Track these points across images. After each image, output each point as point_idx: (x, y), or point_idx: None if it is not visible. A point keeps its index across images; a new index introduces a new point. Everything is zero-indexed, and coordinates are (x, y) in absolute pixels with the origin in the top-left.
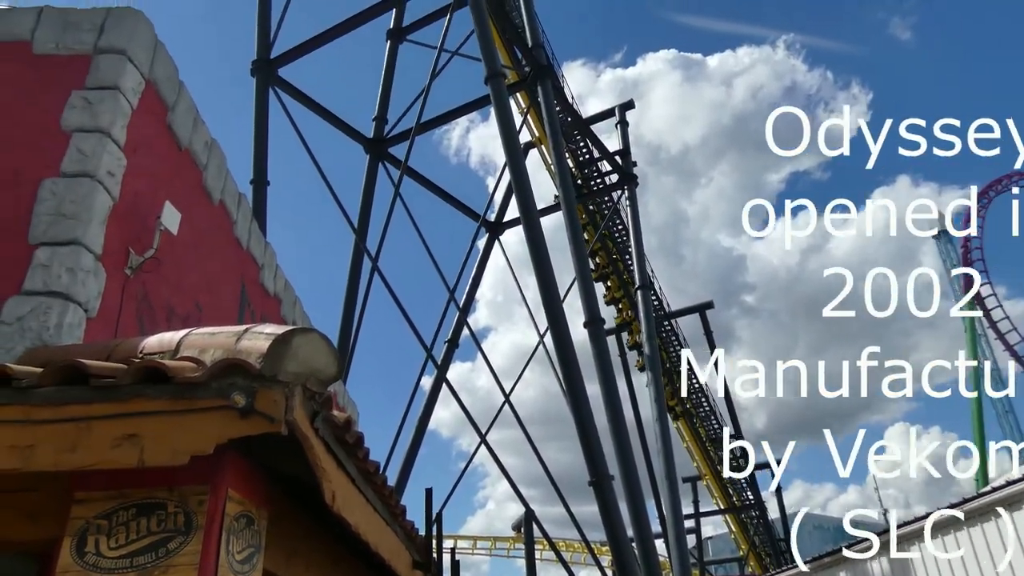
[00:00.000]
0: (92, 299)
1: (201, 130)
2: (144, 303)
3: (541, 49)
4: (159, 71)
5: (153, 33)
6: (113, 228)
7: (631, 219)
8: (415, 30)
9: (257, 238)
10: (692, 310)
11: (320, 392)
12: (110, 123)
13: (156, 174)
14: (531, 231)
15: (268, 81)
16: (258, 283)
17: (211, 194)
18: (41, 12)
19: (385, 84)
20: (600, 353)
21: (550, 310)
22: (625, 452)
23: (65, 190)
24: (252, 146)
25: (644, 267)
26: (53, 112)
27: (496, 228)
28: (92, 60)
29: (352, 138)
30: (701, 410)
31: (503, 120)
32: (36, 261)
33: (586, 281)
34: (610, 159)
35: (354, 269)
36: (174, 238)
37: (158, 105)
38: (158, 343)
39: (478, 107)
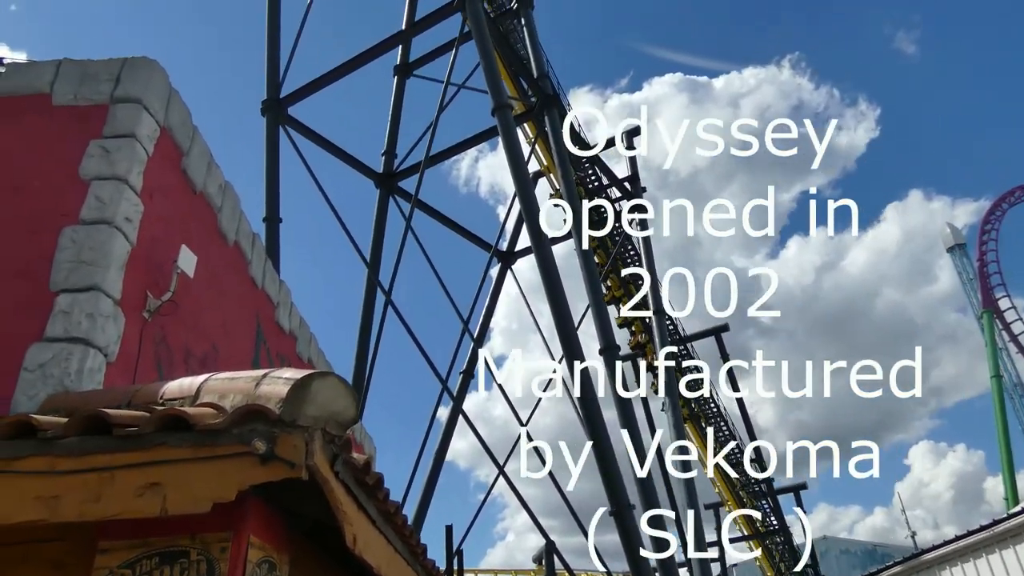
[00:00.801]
0: (112, 344)
1: (215, 173)
2: (162, 346)
3: (547, 79)
4: (173, 117)
5: (167, 81)
6: (131, 273)
7: (643, 245)
8: (421, 65)
9: (272, 277)
10: (707, 333)
11: (339, 435)
12: (127, 170)
13: (172, 218)
14: (543, 260)
15: (278, 120)
16: (273, 321)
17: (226, 235)
18: (60, 65)
19: (393, 119)
20: (614, 379)
21: (565, 338)
22: (645, 480)
23: (84, 237)
24: (264, 184)
25: (657, 292)
26: (72, 161)
27: (508, 257)
28: (109, 109)
29: (362, 173)
30: (720, 434)
31: (511, 151)
32: (57, 308)
33: (600, 308)
34: (619, 185)
35: (368, 303)
36: (190, 280)
37: (173, 151)
38: (178, 389)
39: (486, 138)
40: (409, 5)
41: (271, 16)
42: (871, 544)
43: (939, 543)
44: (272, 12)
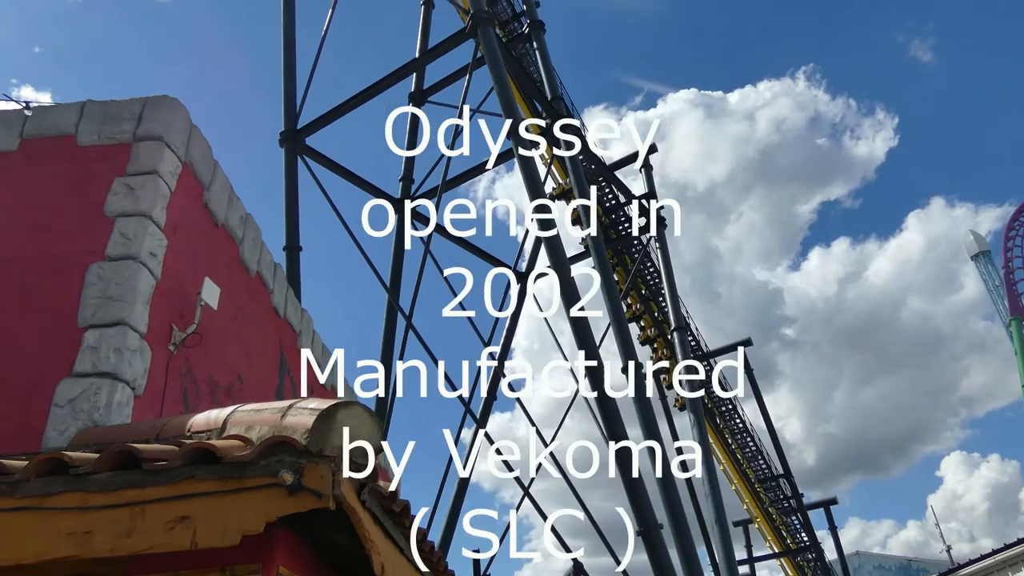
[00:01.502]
0: (139, 377)
1: (236, 205)
2: (188, 378)
3: (560, 100)
4: (194, 153)
5: (187, 118)
6: (156, 307)
7: (662, 261)
8: (436, 91)
9: (294, 305)
10: (730, 348)
11: (365, 464)
12: (150, 206)
13: (195, 251)
14: (562, 280)
15: (296, 150)
16: (296, 349)
17: (248, 266)
18: (84, 106)
19: (409, 145)
20: (639, 398)
21: (587, 357)
22: (672, 498)
23: (110, 273)
24: (284, 213)
25: (679, 308)
26: (97, 199)
27: (527, 278)
28: (132, 147)
29: (380, 199)
30: (747, 450)
31: (527, 173)
32: (85, 343)
33: (621, 326)
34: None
35: (388, 327)
36: (214, 312)
37: (195, 185)
38: (205, 421)
39: (502, 161)
40: (422, 33)
41: (287, 49)
42: (906, 559)
43: (976, 557)
44: (288, 45)
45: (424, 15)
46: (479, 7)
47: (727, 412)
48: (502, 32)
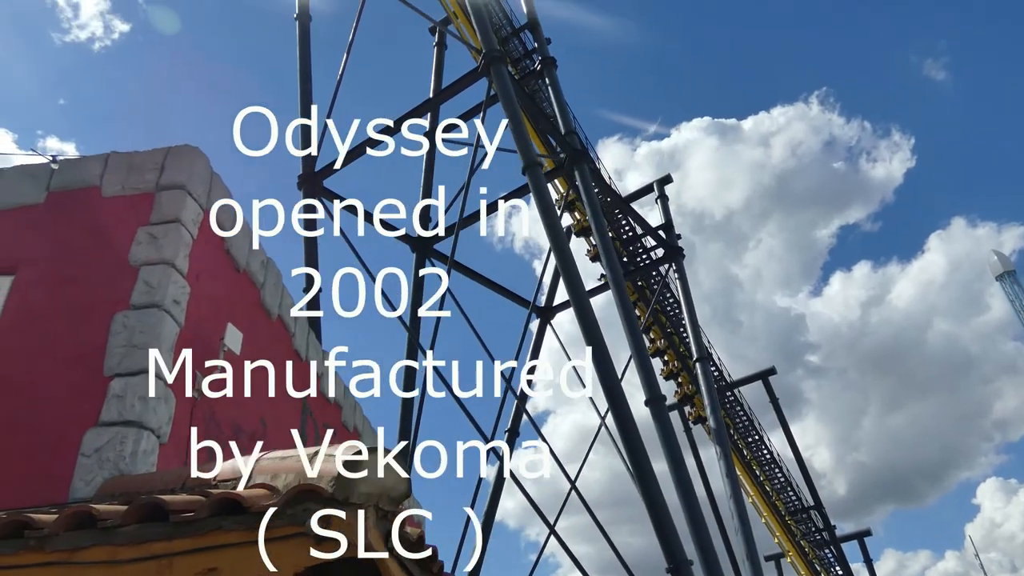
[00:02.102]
0: (164, 425)
1: (257, 251)
2: (212, 423)
3: (574, 135)
4: (216, 200)
5: (209, 166)
6: (180, 353)
7: (681, 292)
8: (451, 130)
9: (315, 348)
10: (754, 378)
11: (392, 511)
12: (173, 254)
13: (218, 297)
14: (582, 314)
15: (314, 192)
16: (318, 391)
17: (269, 311)
18: (108, 158)
19: (426, 183)
20: (664, 430)
21: (609, 391)
22: (701, 533)
23: (135, 322)
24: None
25: (700, 338)
26: (122, 248)
27: (547, 312)
28: (155, 197)
29: (398, 238)
30: (776, 482)
31: (544, 207)
32: (111, 392)
33: (643, 359)
34: (653, 234)
35: (409, 366)
36: (237, 357)
37: (216, 232)
38: (231, 469)
39: (518, 196)
40: (436, 73)
41: (303, 94)
42: None
43: None
44: (304, 90)
45: (437, 55)
46: (491, 46)
47: (754, 443)
48: (514, 69)
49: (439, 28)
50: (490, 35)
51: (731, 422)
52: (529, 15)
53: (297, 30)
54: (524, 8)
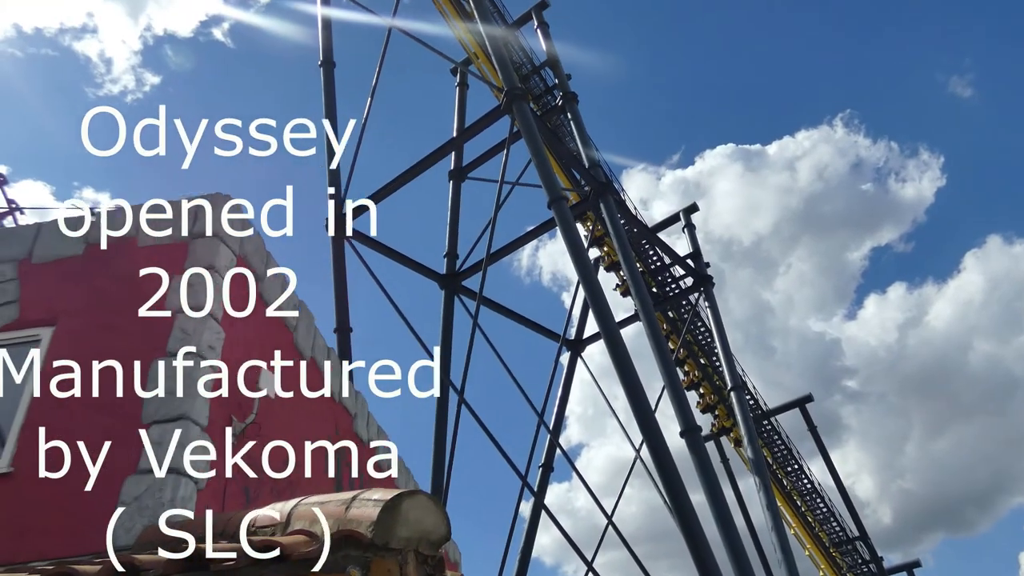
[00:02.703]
0: (201, 471)
1: (290, 294)
2: (249, 468)
3: (598, 167)
4: (248, 246)
5: (241, 212)
6: (216, 399)
7: (713, 320)
8: (475, 167)
9: (348, 389)
10: (791, 406)
11: (432, 554)
12: (208, 300)
13: (252, 341)
14: (613, 346)
15: (343, 235)
16: (352, 432)
17: (303, 353)
18: (143, 208)
19: (452, 221)
20: (701, 462)
21: (643, 423)
22: (743, 567)
23: (172, 369)
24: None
25: (734, 367)
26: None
27: (577, 345)
28: (189, 245)
29: (427, 277)
30: (818, 512)
31: (571, 241)
32: (150, 440)
33: (676, 389)
34: (682, 263)
35: (441, 403)
36: (272, 400)
37: (249, 277)
38: (269, 516)
39: (544, 231)
40: (459, 112)
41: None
42: None
43: None
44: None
45: (459, 95)
46: (512, 83)
47: (793, 472)
48: (536, 105)
49: (460, 68)
50: (511, 73)
51: (769, 452)
52: (548, 53)
53: (322, 76)
54: (543, 46)
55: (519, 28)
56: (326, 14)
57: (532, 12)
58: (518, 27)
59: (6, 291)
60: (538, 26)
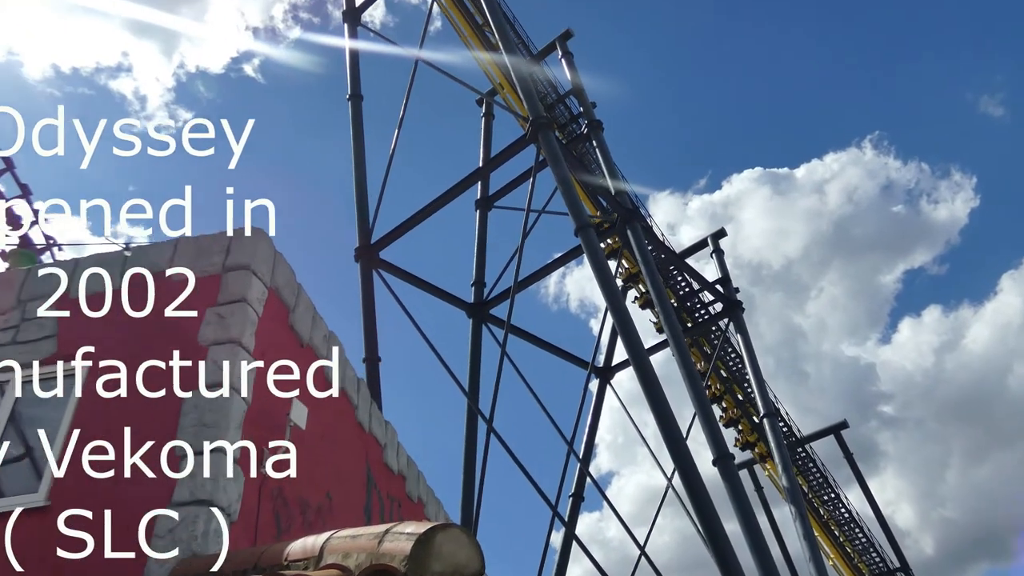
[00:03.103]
0: (233, 503)
1: (319, 325)
2: (279, 500)
3: (625, 194)
4: (279, 279)
5: (272, 246)
6: (248, 430)
7: (743, 346)
8: (502, 196)
9: (378, 419)
10: (825, 433)
11: None
12: (240, 333)
13: (283, 373)
14: (643, 373)
15: (371, 265)
16: (382, 463)
17: (333, 384)
18: (177, 243)
19: (479, 250)
20: (735, 490)
21: (674, 451)
22: None
23: (205, 401)
24: (362, 326)
25: (766, 393)
26: (191, 330)
27: (606, 372)
28: (222, 278)
29: (454, 305)
30: (857, 542)
31: (598, 268)
32: (183, 472)
33: (708, 417)
34: (711, 289)
35: (470, 432)
36: (302, 432)
37: (281, 309)
38: (301, 549)
39: (571, 258)
40: (484, 142)
41: (358, 170)
42: None
43: None
44: (358, 165)
45: (485, 125)
46: (538, 113)
47: (830, 501)
48: (561, 134)
49: (486, 99)
50: (536, 102)
51: (804, 480)
52: (573, 81)
53: (350, 110)
54: (568, 75)
55: (544, 58)
56: (354, 48)
57: (556, 42)
58: (543, 57)
59: (44, 326)
60: (562, 56)
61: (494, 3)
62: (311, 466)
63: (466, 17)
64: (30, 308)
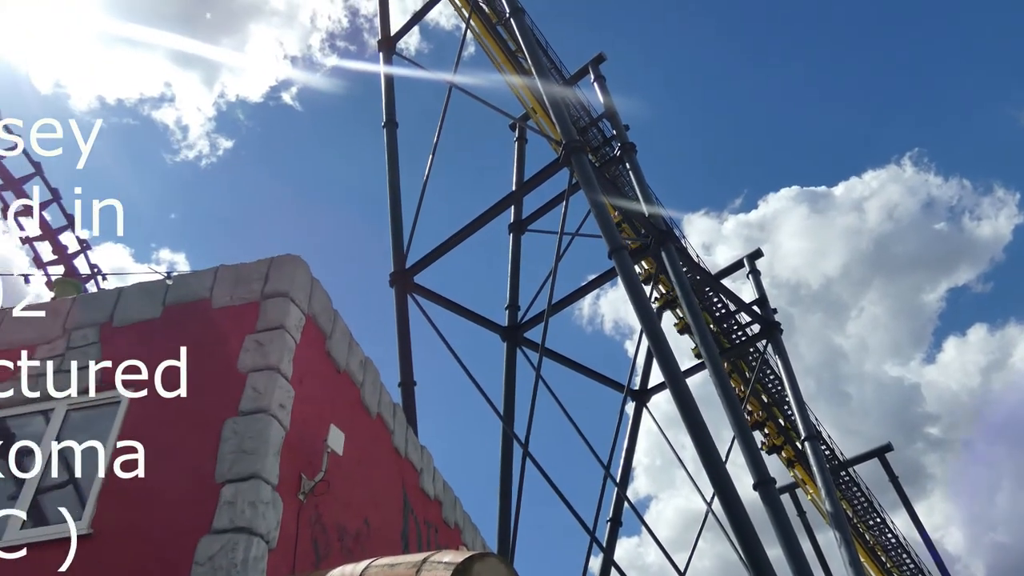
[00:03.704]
0: (272, 530)
1: (356, 351)
2: (318, 526)
3: (659, 216)
4: (316, 305)
5: (309, 274)
6: (286, 457)
7: (783, 368)
8: (535, 219)
9: (414, 444)
10: (869, 456)
11: None
12: (279, 359)
13: (320, 399)
14: (680, 397)
15: (406, 289)
16: (418, 488)
17: (369, 409)
18: (217, 271)
19: (513, 273)
20: (777, 515)
21: (714, 475)
22: None
23: (244, 427)
24: (397, 350)
25: (807, 416)
26: (231, 357)
27: (642, 395)
28: (260, 305)
29: (488, 329)
30: (905, 569)
31: (633, 291)
32: (223, 499)
33: (748, 441)
34: (748, 310)
35: (505, 456)
36: (340, 458)
37: (318, 335)
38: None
39: (605, 281)
40: (517, 166)
41: (392, 197)
42: None
43: None
44: (393, 192)
45: (518, 149)
46: (571, 136)
47: (876, 526)
48: (594, 157)
49: (519, 124)
50: (569, 126)
51: (848, 504)
52: (606, 105)
53: (385, 137)
54: (600, 98)
55: (576, 82)
56: (389, 75)
57: (589, 66)
58: (575, 81)
59: (89, 354)
60: (595, 79)
61: (526, 29)
62: (348, 492)
63: (499, 43)
64: (75, 336)
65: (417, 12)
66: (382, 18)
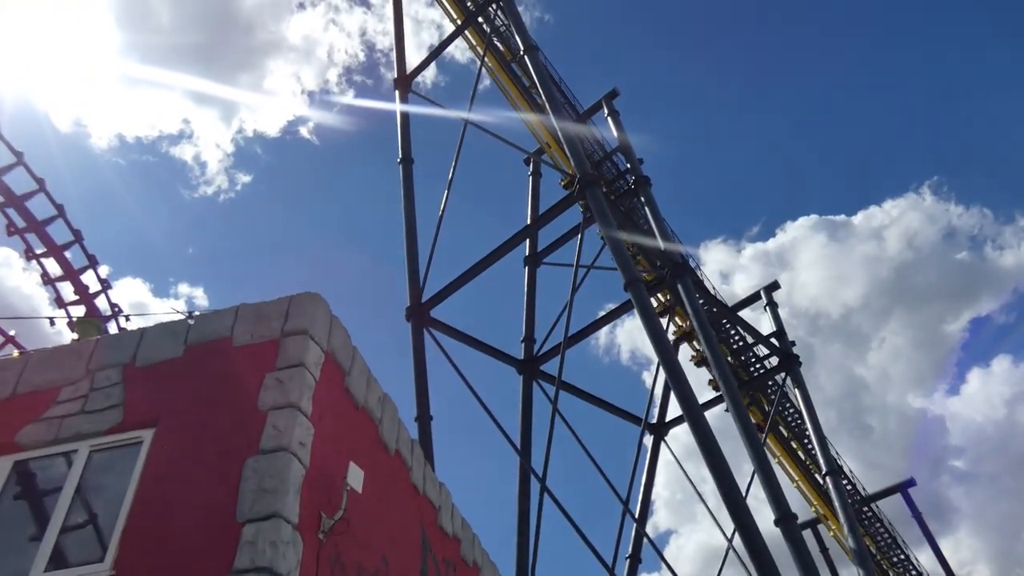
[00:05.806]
0: (292, 570)
1: (374, 387)
2: (337, 566)
3: (674, 249)
4: (335, 342)
5: (328, 311)
6: (306, 495)
7: (802, 401)
8: (550, 252)
9: (432, 481)
10: (891, 491)
11: None
12: (298, 397)
13: (339, 436)
14: (698, 430)
15: (422, 323)
16: (437, 526)
17: (387, 445)
18: (238, 310)
19: (528, 306)
20: (799, 552)
21: (734, 511)
22: None
23: (265, 466)
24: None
25: (828, 450)
26: (251, 394)
27: (660, 428)
28: (280, 343)
29: (504, 362)
30: None
31: (649, 324)
32: (244, 539)
33: (768, 476)
34: (766, 343)
35: (523, 491)
36: (359, 496)
37: (337, 372)
38: None
39: (621, 313)
40: (532, 200)
41: (408, 231)
42: None
43: None
44: (409, 227)
45: (533, 184)
46: (585, 170)
47: (900, 563)
48: (609, 190)
49: (533, 158)
50: (583, 160)
51: (871, 540)
52: (620, 140)
53: (401, 173)
54: (614, 133)
55: (590, 117)
56: (404, 113)
57: (602, 101)
58: (589, 116)
59: (111, 395)
60: (608, 114)
61: (540, 65)
62: (367, 530)
63: (513, 80)
64: (99, 378)
65: (432, 51)
66: (398, 57)
